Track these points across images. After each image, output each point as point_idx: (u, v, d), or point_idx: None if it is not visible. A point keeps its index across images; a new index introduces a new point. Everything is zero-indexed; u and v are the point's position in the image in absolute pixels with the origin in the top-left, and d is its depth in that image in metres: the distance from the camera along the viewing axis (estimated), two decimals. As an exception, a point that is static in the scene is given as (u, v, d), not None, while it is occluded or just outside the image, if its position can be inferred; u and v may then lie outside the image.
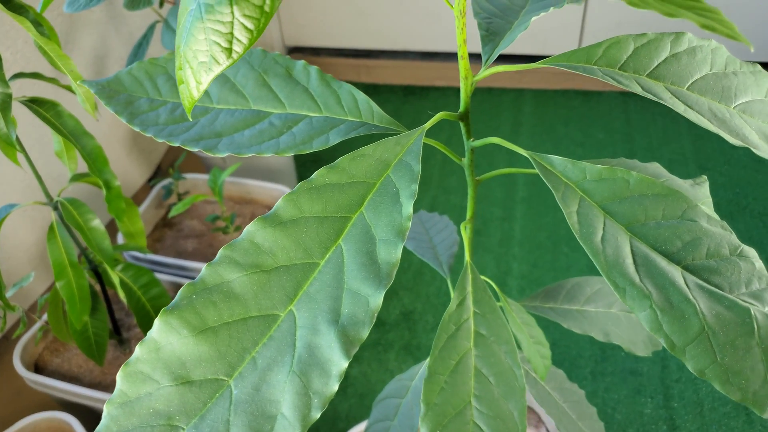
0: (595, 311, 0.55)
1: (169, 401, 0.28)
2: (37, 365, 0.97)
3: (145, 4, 0.96)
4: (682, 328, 0.31)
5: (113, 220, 1.20)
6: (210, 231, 1.18)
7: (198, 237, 1.18)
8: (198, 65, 0.23)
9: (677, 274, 0.32)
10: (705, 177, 0.45)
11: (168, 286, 1.04)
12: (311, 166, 1.63)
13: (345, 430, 1.10)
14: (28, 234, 1.12)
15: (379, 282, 0.30)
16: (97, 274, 0.86)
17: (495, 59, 0.44)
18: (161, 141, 0.41)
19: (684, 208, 0.34)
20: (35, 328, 0.97)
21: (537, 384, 0.52)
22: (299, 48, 1.97)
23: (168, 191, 1.18)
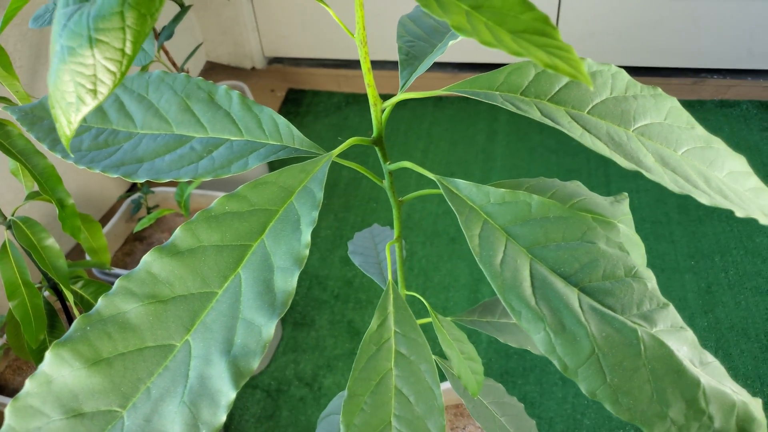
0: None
1: (60, 434, 0.28)
2: (0, 385, 0.97)
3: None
4: (574, 350, 0.31)
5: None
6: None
7: (168, 250, 1.18)
8: (66, 105, 0.24)
9: (573, 296, 0.33)
10: (626, 194, 0.46)
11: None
12: (287, 176, 1.63)
13: (315, 441, 1.10)
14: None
15: (273, 311, 0.30)
16: (57, 291, 0.86)
17: (415, 74, 0.44)
18: (82, 168, 0.41)
19: (584, 230, 0.34)
20: (-1, 346, 0.97)
21: (475, 399, 0.52)
22: (279, 59, 1.98)
23: (137, 205, 1.18)
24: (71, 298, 0.76)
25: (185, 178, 0.40)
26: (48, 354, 0.29)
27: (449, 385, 0.75)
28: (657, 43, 1.78)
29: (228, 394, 0.29)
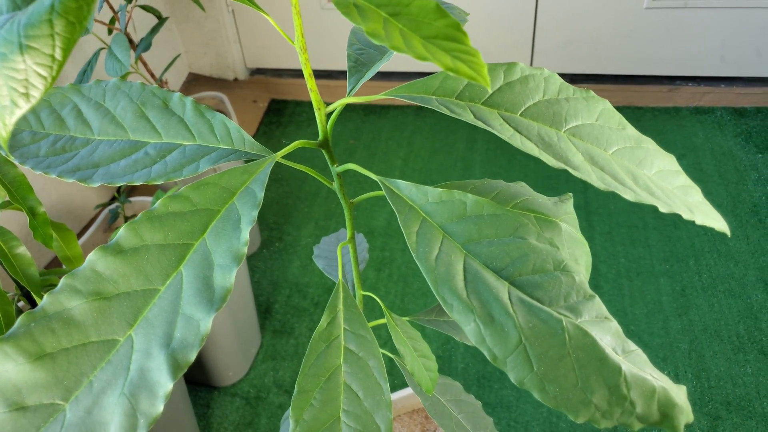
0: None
1: (2, 428, 0.29)
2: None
3: (83, 32, 0.97)
4: (502, 340, 0.33)
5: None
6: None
7: (147, 259, 1.19)
8: (1, 109, 0.25)
9: (503, 289, 0.34)
10: (570, 194, 0.47)
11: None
12: (270, 184, 1.65)
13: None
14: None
15: (211, 306, 0.32)
16: (31, 299, 0.87)
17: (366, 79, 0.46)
18: (38, 173, 0.42)
19: (516, 226, 0.36)
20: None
21: (432, 396, 0.53)
22: (261, 70, 2.00)
23: (114, 215, 1.19)
24: (42, 305, 0.76)
25: (138, 182, 0.41)
26: (-9, 349, 0.30)
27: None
28: (632, 52, 1.82)
29: (165, 385, 0.30)
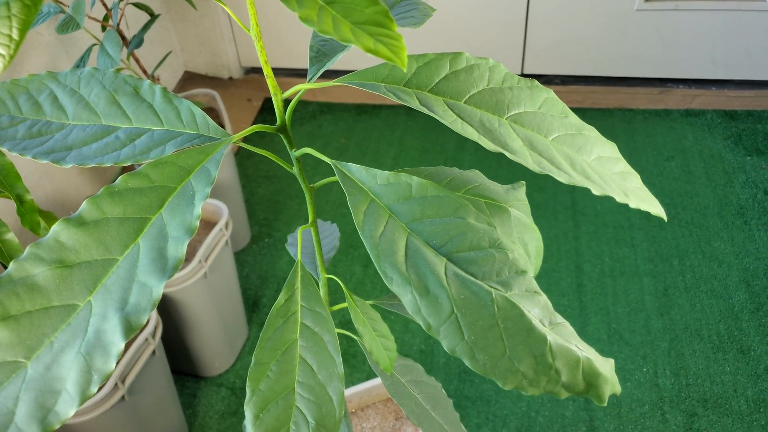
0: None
1: (-34, 381, 0.32)
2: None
3: (74, 27, 1.00)
4: (436, 310, 0.35)
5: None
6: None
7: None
8: (-35, 85, 0.28)
9: (441, 264, 0.36)
10: (523, 182, 0.49)
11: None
12: (262, 181, 1.67)
13: None
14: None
15: (164, 274, 0.34)
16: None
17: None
18: (14, 154, 0.45)
19: (456, 207, 0.38)
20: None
21: (393, 377, 0.56)
22: (256, 69, 2.02)
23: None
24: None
25: (107, 163, 0.44)
26: (-42, 310, 0.32)
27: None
28: (623, 54, 1.84)
29: (118, 344, 0.32)
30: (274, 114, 1.91)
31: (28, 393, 0.32)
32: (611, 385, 0.36)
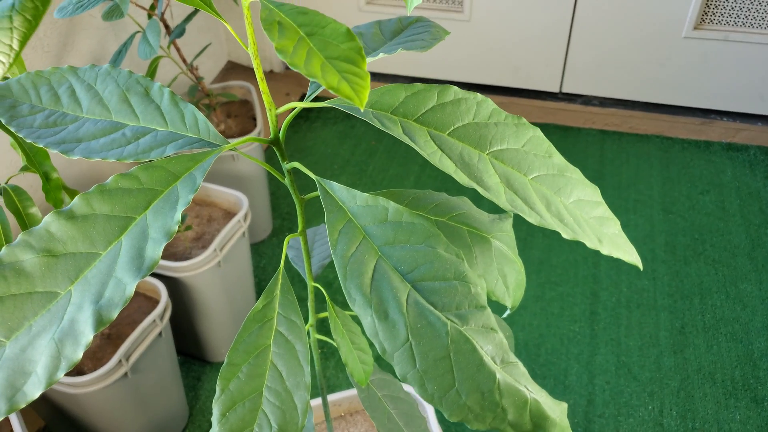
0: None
1: (-51, 353, 0.34)
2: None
3: (118, 16, 1.05)
4: (392, 336, 0.36)
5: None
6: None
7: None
8: (-32, 86, 0.30)
9: (404, 290, 0.37)
10: (510, 214, 0.50)
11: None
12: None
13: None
14: None
15: (139, 273, 0.36)
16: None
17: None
18: (30, 141, 0.48)
19: (428, 236, 0.39)
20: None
21: (369, 390, 0.57)
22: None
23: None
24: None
25: (111, 158, 0.46)
26: (-51, 287, 0.35)
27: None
28: (666, 80, 1.80)
29: (88, 335, 0.34)
30: (309, 110, 1.94)
31: (2, 371, 0.34)
32: (560, 429, 0.36)
